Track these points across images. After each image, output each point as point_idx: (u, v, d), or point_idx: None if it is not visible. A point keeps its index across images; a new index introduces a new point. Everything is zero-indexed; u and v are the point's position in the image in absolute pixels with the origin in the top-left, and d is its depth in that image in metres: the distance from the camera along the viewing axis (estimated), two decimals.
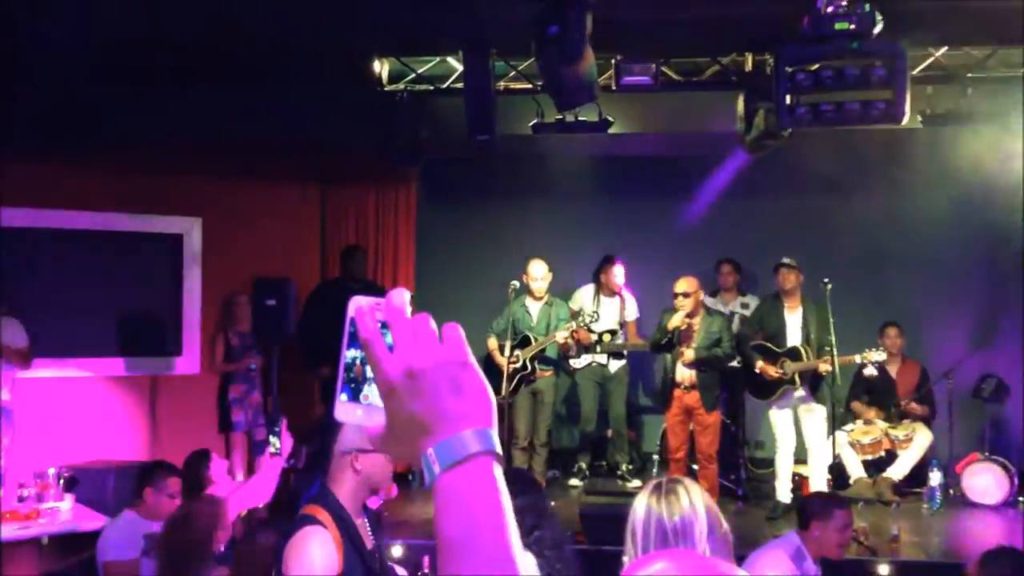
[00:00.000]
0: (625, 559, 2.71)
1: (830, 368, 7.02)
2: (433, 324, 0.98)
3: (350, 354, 1.03)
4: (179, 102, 6.89)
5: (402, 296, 0.99)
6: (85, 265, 8.25)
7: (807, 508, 4.53)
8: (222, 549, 4.22)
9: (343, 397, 1.03)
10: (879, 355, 7.34)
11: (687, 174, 8.86)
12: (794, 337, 7.37)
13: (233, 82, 6.82)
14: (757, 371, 7.34)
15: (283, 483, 5.71)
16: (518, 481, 3.01)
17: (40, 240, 8.07)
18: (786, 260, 7.45)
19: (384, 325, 0.98)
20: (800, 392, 7.30)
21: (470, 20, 5.76)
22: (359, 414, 1.03)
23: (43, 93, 6.68)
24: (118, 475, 7.13)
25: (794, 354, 7.29)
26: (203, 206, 8.68)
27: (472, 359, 0.99)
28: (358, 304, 1.00)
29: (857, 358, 7.30)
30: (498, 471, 0.96)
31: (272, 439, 5.74)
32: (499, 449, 0.97)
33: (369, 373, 1.01)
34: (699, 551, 2.56)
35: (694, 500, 2.63)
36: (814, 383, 7.29)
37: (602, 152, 8.19)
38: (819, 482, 7.28)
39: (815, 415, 7.34)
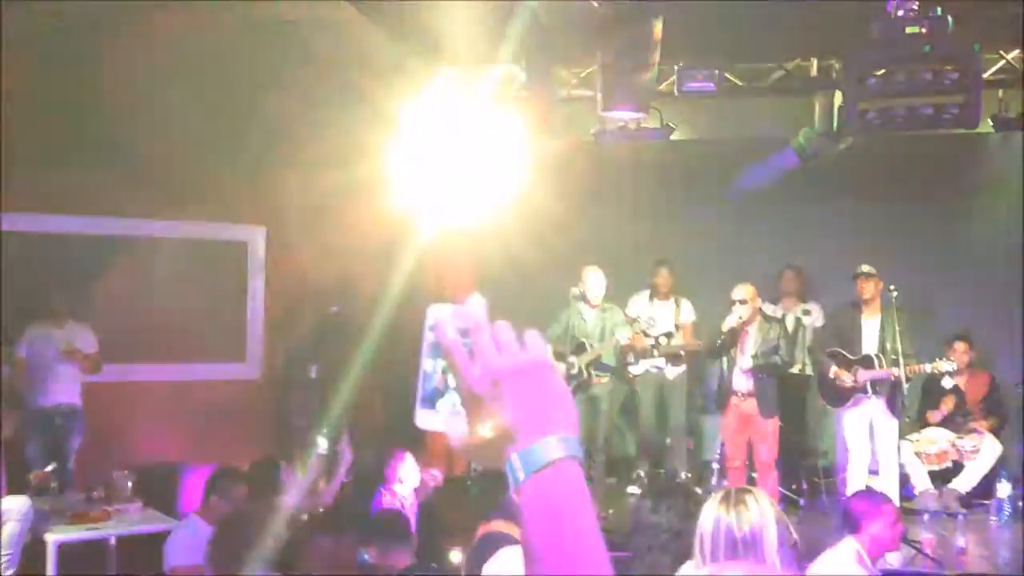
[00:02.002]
0: (692, 566, 2.68)
1: (901, 375, 6.93)
2: (512, 331, 0.98)
3: (429, 363, 1.03)
4: (246, 113, 7.00)
5: (481, 304, 1.00)
6: (152, 272, 8.42)
7: (854, 510, 4.45)
8: (269, 551, 4.25)
9: (424, 405, 1.03)
10: (949, 365, 7.19)
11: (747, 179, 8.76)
12: (869, 345, 7.24)
13: (298, 93, 6.92)
14: (832, 376, 7.23)
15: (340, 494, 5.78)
16: (666, 493, 3.01)
17: (110, 247, 8.25)
18: (864, 268, 7.29)
19: (464, 333, 0.98)
20: (876, 403, 7.17)
21: (532, 28, 5.76)
22: (439, 422, 1.03)
23: (109, 106, 6.85)
24: (184, 479, 7.25)
25: (867, 362, 7.17)
26: (268, 215, 8.80)
27: (553, 365, 0.99)
28: (437, 312, 1.01)
29: (928, 367, 7.16)
30: (582, 476, 0.97)
31: (319, 440, 5.79)
32: (581, 455, 0.98)
33: (450, 381, 1.01)
34: (769, 562, 2.53)
35: (764, 510, 2.60)
36: (891, 395, 7.15)
37: (663, 157, 8.15)
38: (891, 495, 7.13)
39: (891, 428, 7.22)
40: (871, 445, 7.32)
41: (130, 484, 6.45)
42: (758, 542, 2.54)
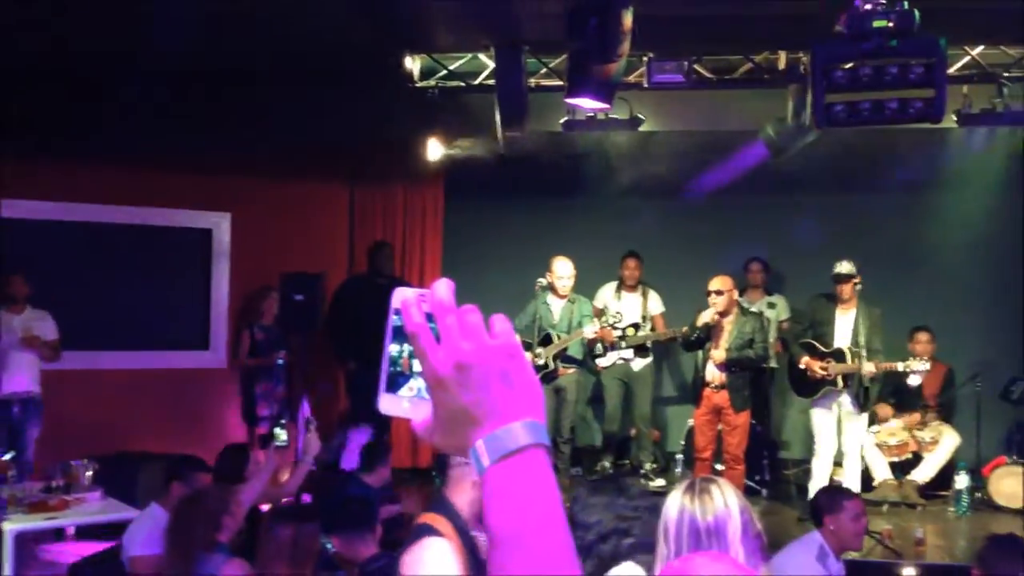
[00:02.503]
0: (657, 558, 2.67)
1: (875, 371, 6.97)
2: (480, 315, 0.96)
3: (394, 347, 1.01)
4: (213, 100, 6.91)
5: (448, 287, 0.97)
6: (115, 259, 8.30)
7: (817, 504, 4.52)
8: (227, 540, 4.21)
9: (388, 390, 1.01)
10: (922, 365, 7.17)
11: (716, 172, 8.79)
12: (842, 339, 7.24)
13: (264, 80, 6.85)
14: (802, 367, 7.27)
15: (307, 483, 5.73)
16: (600, 489, 2.97)
17: (70, 233, 8.12)
18: (844, 270, 7.20)
19: (430, 317, 0.96)
20: (845, 397, 7.21)
21: (503, 17, 5.74)
22: (405, 407, 1.01)
23: (78, 93, 6.75)
24: (145, 468, 7.17)
25: (839, 356, 7.19)
26: (232, 201, 8.72)
27: (521, 350, 0.98)
28: (403, 296, 0.98)
29: (900, 366, 7.14)
30: (549, 463, 0.95)
31: (277, 431, 5.75)
32: (548, 441, 0.96)
33: (415, 365, 0.99)
34: (732, 552, 2.52)
35: (728, 500, 2.58)
36: (860, 389, 7.15)
37: (632, 149, 8.16)
38: (852, 486, 7.11)
39: (857, 422, 7.26)
40: (838, 437, 7.36)
41: (90, 473, 6.36)
42: (722, 532, 2.53)
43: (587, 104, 5.61)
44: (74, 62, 6.46)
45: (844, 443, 7.32)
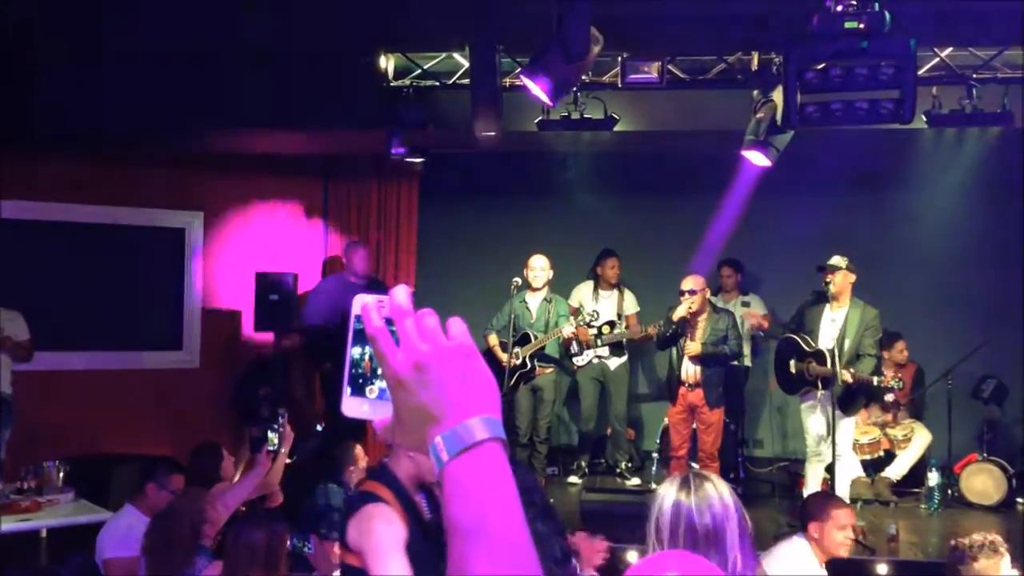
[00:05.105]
0: (648, 552, 2.58)
1: (850, 380, 6.77)
2: (436, 318, 1.01)
3: (356, 350, 1.06)
4: (184, 95, 6.87)
5: (405, 292, 1.02)
6: (87, 258, 8.24)
7: (805, 509, 4.53)
8: (210, 544, 4.19)
9: (349, 392, 1.06)
10: (896, 382, 6.98)
11: (691, 172, 8.83)
12: (827, 339, 6.97)
13: (238, 76, 6.81)
14: (783, 363, 7.21)
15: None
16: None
17: (43, 233, 8.05)
18: (832, 261, 7.00)
19: (389, 321, 1.01)
20: (829, 397, 6.87)
21: (477, 16, 5.74)
22: (365, 409, 1.06)
23: (48, 88, 6.69)
24: (118, 469, 7.12)
25: (820, 357, 6.92)
26: (205, 200, 8.66)
27: (476, 350, 1.02)
28: (363, 301, 1.04)
29: (874, 380, 6.91)
30: (505, 457, 0.99)
31: (270, 435, 5.70)
32: (505, 436, 1.00)
33: (376, 368, 1.04)
34: (731, 551, 2.44)
35: (725, 498, 2.49)
36: (844, 391, 6.88)
37: (606, 149, 8.16)
38: (842, 490, 6.98)
39: (846, 424, 7.11)
40: (828, 438, 7.28)
41: (62, 474, 6.31)
42: (721, 535, 2.44)
43: (535, 90, 5.52)
44: (43, 57, 6.40)
45: (833, 443, 7.22)
